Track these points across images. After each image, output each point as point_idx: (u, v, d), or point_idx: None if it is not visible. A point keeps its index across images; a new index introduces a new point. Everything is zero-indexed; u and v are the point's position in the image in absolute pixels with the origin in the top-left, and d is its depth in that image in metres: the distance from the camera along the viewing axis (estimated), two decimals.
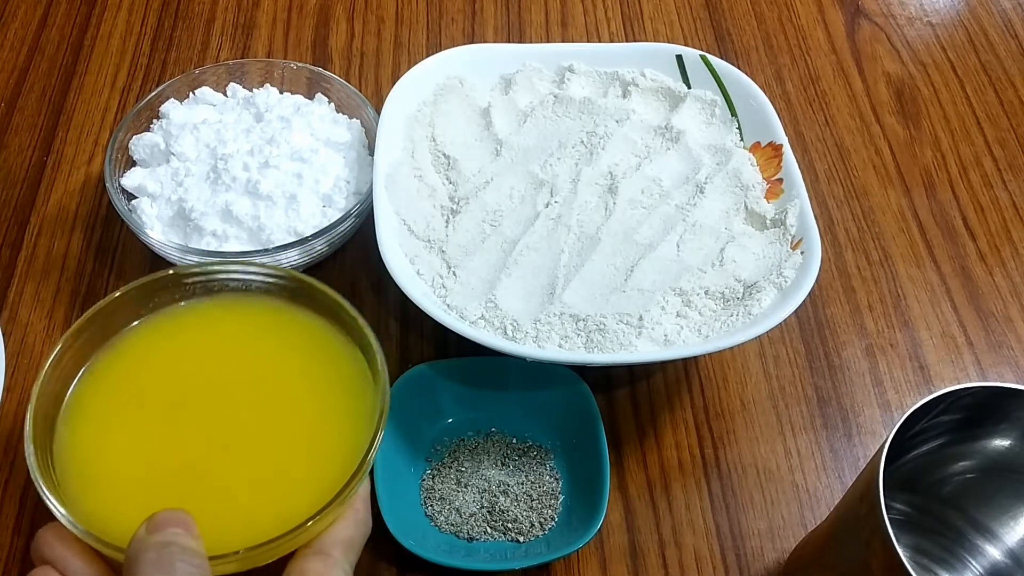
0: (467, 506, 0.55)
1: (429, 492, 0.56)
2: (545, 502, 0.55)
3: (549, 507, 0.55)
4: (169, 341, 0.55)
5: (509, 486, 0.56)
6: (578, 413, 0.56)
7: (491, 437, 0.58)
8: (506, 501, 0.55)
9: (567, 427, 0.57)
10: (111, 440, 0.52)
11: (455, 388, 0.58)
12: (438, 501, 0.55)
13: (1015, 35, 0.86)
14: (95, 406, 0.53)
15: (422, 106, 0.66)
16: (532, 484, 0.56)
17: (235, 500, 0.51)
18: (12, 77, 0.77)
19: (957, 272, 0.69)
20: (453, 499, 0.55)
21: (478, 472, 0.56)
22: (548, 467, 0.57)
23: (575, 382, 0.57)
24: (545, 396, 0.58)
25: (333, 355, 0.55)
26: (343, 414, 0.53)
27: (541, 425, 0.58)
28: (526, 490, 0.56)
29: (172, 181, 0.64)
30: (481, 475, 0.56)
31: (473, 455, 0.57)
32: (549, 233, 0.60)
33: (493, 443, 0.58)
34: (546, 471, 0.57)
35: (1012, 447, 0.47)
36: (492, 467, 0.57)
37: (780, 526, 0.57)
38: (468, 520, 0.55)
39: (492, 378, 0.58)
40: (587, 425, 0.56)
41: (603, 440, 0.54)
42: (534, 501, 0.55)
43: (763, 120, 0.65)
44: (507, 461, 0.57)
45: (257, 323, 0.56)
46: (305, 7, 0.84)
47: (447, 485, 0.56)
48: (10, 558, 0.54)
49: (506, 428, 0.58)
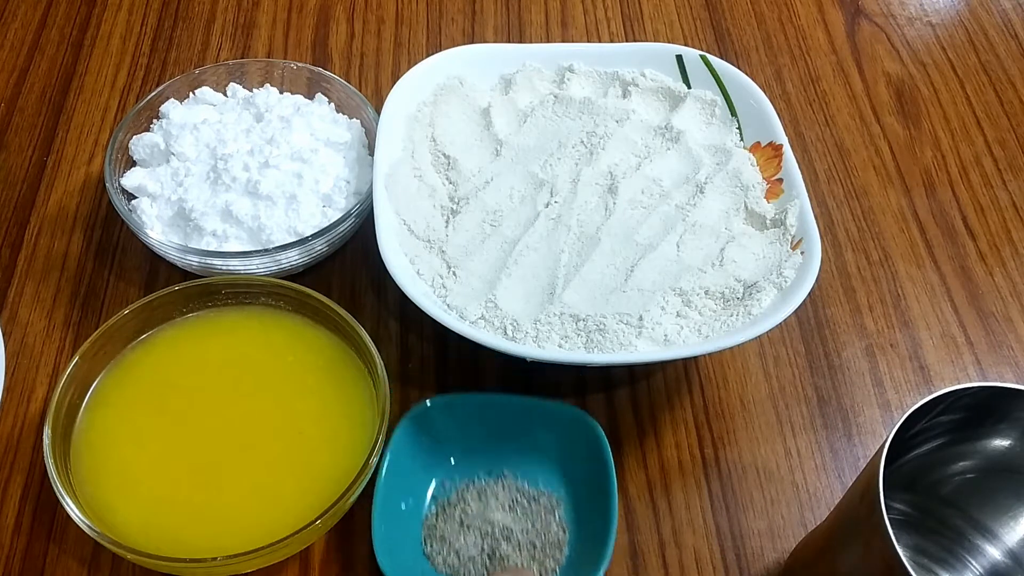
0: (467, 549, 0.53)
1: (431, 531, 0.54)
2: (548, 553, 0.53)
3: (552, 558, 0.53)
4: (192, 346, 0.57)
5: (513, 532, 0.53)
6: (592, 462, 0.54)
7: (501, 480, 0.56)
8: (508, 547, 0.53)
9: (579, 475, 0.55)
10: (127, 435, 0.54)
11: (467, 426, 0.56)
12: (438, 541, 0.53)
13: (1015, 35, 0.86)
14: (116, 401, 0.55)
15: (422, 106, 0.66)
16: (538, 533, 0.54)
17: (239, 503, 0.52)
18: (12, 77, 0.77)
19: (957, 272, 0.69)
20: (454, 541, 0.53)
21: (483, 515, 0.54)
22: (556, 516, 0.54)
23: (592, 429, 0.55)
24: (560, 440, 0.56)
25: (337, 366, 0.56)
26: (345, 424, 0.54)
27: (554, 471, 0.56)
28: (531, 538, 0.53)
29: (172, 181, 0.64)
30: (486, 518, 0.54)
31: (480, 497, 0.55)
32: (549, 233, 0.60)
33: (502, 487, 0.55)
34: (554, 520, 0.54)
35: (1012, 447, 0.47)
36: (498, 511, 0.54)
37: (780, 526, 0.57)
38: (466, 563, 0.52)
39: (506, 418, 0.56)
40: (600, 477, 0.53)
41: (614, 496, 0.52)
42: (537, 551, 0.53)
43: (763, 120, 0.65)
44: (515, 506, 0.55)
45: (272, 334, 0.58)
46: (305, 7, 0.84)
47: (450, 526, 0.54)
48: (10, 558, 0.54)
49: (518, 472, 0.56)
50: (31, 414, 0.59)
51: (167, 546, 0.48)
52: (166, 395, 0.55)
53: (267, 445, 0.53)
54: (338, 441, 0.53)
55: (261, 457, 0.53)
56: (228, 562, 0.47)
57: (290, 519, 0.49)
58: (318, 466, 0.52)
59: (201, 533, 0.50)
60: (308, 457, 0.53)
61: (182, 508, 0.51)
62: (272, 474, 0.52)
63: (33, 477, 0.56)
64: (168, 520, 0.50)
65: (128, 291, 0.65)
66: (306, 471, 0.52)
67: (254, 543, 0.47)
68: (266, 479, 0.52)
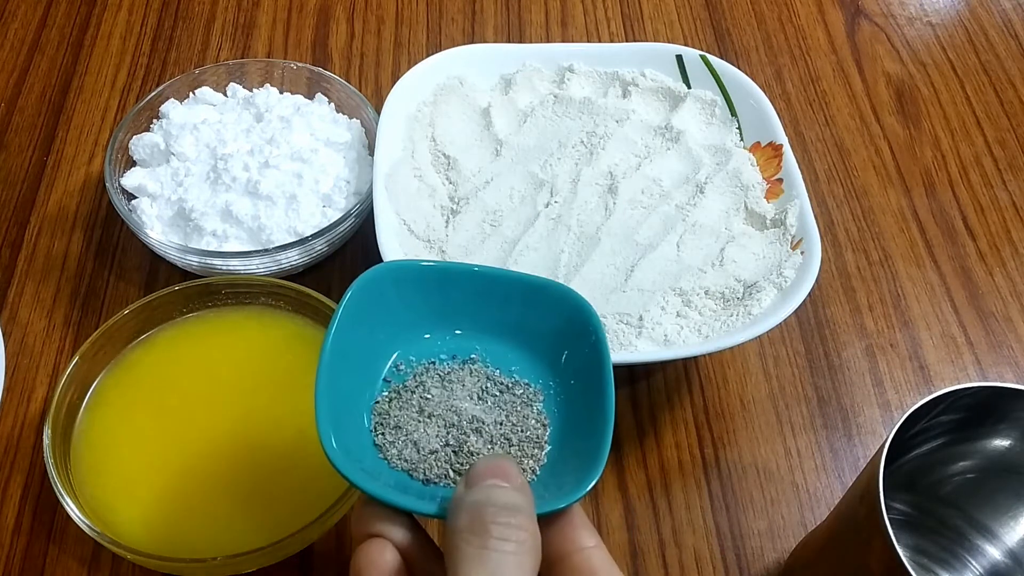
0: (428, 441, 0.43)
1: (383, 418, 0.44)
2: (527, 450, 0.44)
3: (531, 456, 0.44)
4: (192, 346, 0.57)
5: (484, 424, 0.44)
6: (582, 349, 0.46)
7: (470, 365, 0.46)
8: (478, 441, 0.43)
9: (566, 365, 0.47)
10: (127, 435, 0.54)
11: (433, 299, 0.47)
12: (392, 431, 0.44)
13: (1015, 35, 0.86)
14: (116, 401, 0.55)
15: (422, 106, 0.66)
16: (513, 426, 0.45)
17: (239, 503, 0.52)
18: (12, 77, 0.77)
19: (957, 272, 0.69)
20: (411, 431, 0.44)
21: (448, 403, 0.45)
22: (535, 409, 0.45)
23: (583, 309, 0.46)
24: (545, 325, 0.47)
25: None
26: None
27: (533, 360, 0.47)
28: (504, 432, 0.44)
29: (172, 181, 0.64)
30: (451, 407, 0.45)
31: (444, 383, 0.46)
32: (549, 233, 0.60)
33: (471, 372, 0.46)
34: (532, 414, 0.45)
35: (1012, 447, 0.47)
36: (466, 400, 0.45)
37: (780, 526, 0.57)
38: (427, 458, 0.43)
39: (480, 294, 0.47)
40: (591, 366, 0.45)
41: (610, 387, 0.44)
42: (513, 447, 0.44)
43: (763, 120, 0.65)
44: (485, 396, 0.46)
45: (273, 334, 0.58)
46: (305, 7, 0.84)
47: (407, 413, 0.44)
48: (10, 558, 0.54)
49: (490, 357, 0.47)
50: (31, 414, 0.59)
51: (167, 546, 0.48)
52: (166, 395, 0.55)
53: (267, 445, 0.53)
54: None
55: (261, 457, 0.53)
56: (228, 562, 0.47)
57: (290, 519, 0.49)
58: (318, 466, 0.52)
59: (201, 533, 0.50)
60: (308, 457, 0.53)
61: (182, 508, 0.51)
62: (272, 474, 0.52)
63: (33, 477, 0.56)
64: (168, 520, 0.50)
65: (128, 291, 0.65)
66: (306, 471, 0.52)
67: (254, 543, 0.47)
68: (266, 479, 0.52)
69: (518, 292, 0.47)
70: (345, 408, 0.44)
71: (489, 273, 0.47)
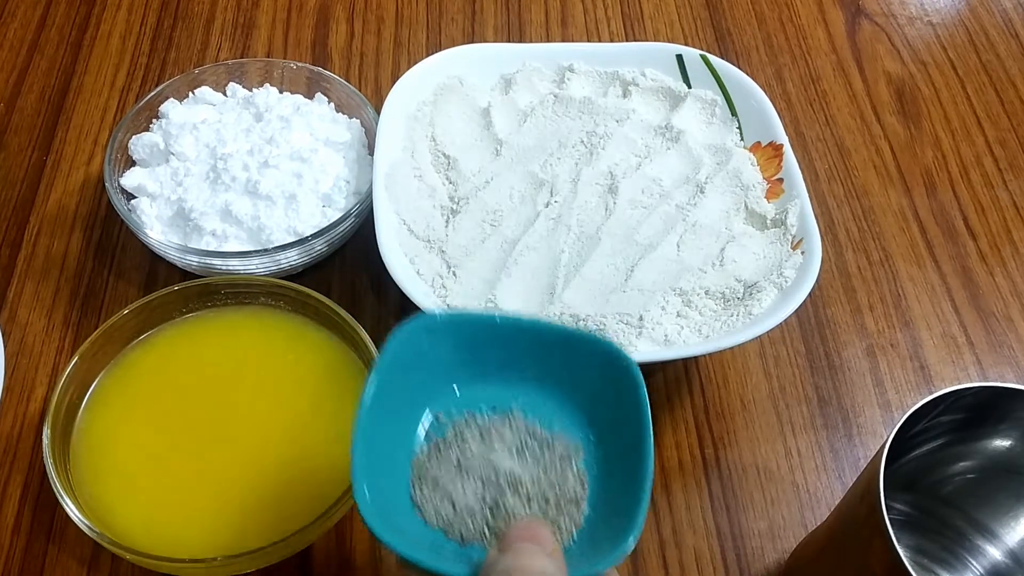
0: (464, 498, 0.43)
1: (421, 472, 0.44)
2: (564, 510, 0.44)
3: (568, 516, 0.44)
4: (192, 346, 0.57)
5: (522, 482, 0.44)
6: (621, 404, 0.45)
7: (509, 417, 0.46)
8: (515, 500, 0.43)
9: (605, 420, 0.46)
10: (127, 434, 0.54)
11: (473, 349, 0.46)
12: (430, 485, 0.44)
13: (1015, 35, 0.86)
14: (115, 401, 0.55)
15: (422, 106, 0.66)
16: (551, 484, 0.44)
17: (239, 503, 0.52)
18: (12, 77, 0.77)
19: (958, 272, 0.69)
20: (449, 488, 0.43)
21: (486, 458, 0.44)
22: (574, 467, 0.45)
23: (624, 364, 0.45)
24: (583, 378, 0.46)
25: (337, 366, 0.56)
26: (345, 424, 0.54)
27: (573, 413, 0.46)
28: (542, 490, 0.44)
29: (172, 181, 0.63)
30: (489, 462, 0.44)
31: (483, 436, 0.45)
32: (549, 233, 0.60)
33: (511, 426, 0.46)
34: (571, 471, 0.44)
35: (1012, 447, 0.47)
36: (505, 455, 0.45)
37: (780, 526, 0.57)
38: (463, 516, 0.43)
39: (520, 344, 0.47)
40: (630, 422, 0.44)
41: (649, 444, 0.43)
42: (550, 506, 0.44)
43: (763, 120, 0.65)
44: (524, 451, 0.45)
45: (273, 334, 0.58)
46: (305, 7, 0.84)
47: (445, 468, 0.44)
48: (10, 558, 0.54)
49: (530, 408, 0.46)
50: (31, 414, 0.59)
51: (167, 546, 0.48)
52: (166, 395, 0.55)
53: (267, 445, 0.53)
54: (338, 441, 0.53)
55: (261, 457, 0.53)
56: (228, 562, 0.47)
57: (290, 519, 0.49)
58: (318, 466, 0.52)
59: (201, 533, 0.50)
60: (308, 457, 0.53)
61: (182, 508, 0.51)
62: (272, 474, 0.52)
63: (33, 477, 0.56)
64: (168, 520, 0.50)
65: (128, 291, 0.65)
66: (306, 471, 0.52)
67: (254, 543, 0.47)
68: (266, 479, 0.52)
69: (558, 342, 0.46)
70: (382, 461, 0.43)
71: (529, 323, 0.47)
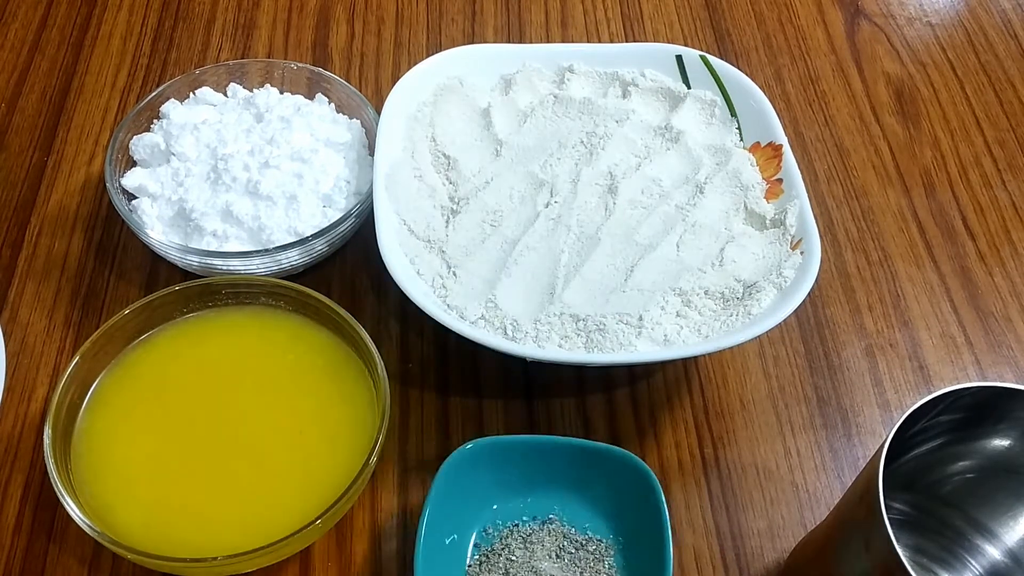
0: None
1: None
2: None
3: None
4: (192, 346, 0.57)
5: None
6: (643, 507, 0.52)
7: (548, 525, 0.54)
8: None
9: (630, 521, 0.53)
10: (127, 434, 0.54)
11: (512, 469, 0.54)
12: None
13: (1015, 35, 0.86)
14: (116, 401, 0.55)
15: (422, 106, 0.66)
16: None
17: (239, 503, 0.52)
18: (12, 77, 0.77)
19: (957, 272, 0.69)
20: None
21: (529, 563, 0.52)
22: (606, 564, 0.52)
23: (642, 472, 0.52)
24: (609, 484, 0.54)
25: (337, 366, 0.56)
26: (345, 424, 0.54)
27: (602, 516, 0.54)
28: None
29: (172, 181, 0.64)
30: (532, 567, 0.52)
31: (526, 544, 0.53)
32: (549, 233, 0.60)
33: (549, 532, 0.53)
34: (604, 569, 0.52)
35: (1012, 447, 0.47)
36: (545, 559, 0.52)
37: (780, 526, 0.57)
38: None
39: (553, 460, 0.54)
40: (652, 522, 0.51)
41: (668, 540, 0.50)
42: None
43: (763, 120, 0.65)
44: (562, 553, 0.52)
45: (273, 334, 0.58)
46: (305, 7, 0.84)
47: (494, 574, 0.52)
48: (10, 558, 0.54)
49: (565, 517, 0.54)
50: (31, 414, 0.59)
51: (167, 546, 0.48)
52: (166, 395, 0.55)
53: (267, 445, 0.53)
54: (338, 441, 0.53)
55: (261, 457, 0.53)
56: (228, 562, 0.47)
57: (290, 519, 0.49)
58: (318, 466, 0.52)
59: (201, 533, 0.50)
60: (308, 457, 0.53)
61: (182, 508, 0.51)
62: (272, 474, 0.52)
63: (33, 477, 0.56)
64: (168, 520, 0.50)
65: (128, 291, 0.65)
66: (306, 471, 0.52)
67: (254, 543, 0.47)
68: (266, 479, 0.52)
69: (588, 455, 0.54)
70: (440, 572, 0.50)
71: (558, 442, 0.54)
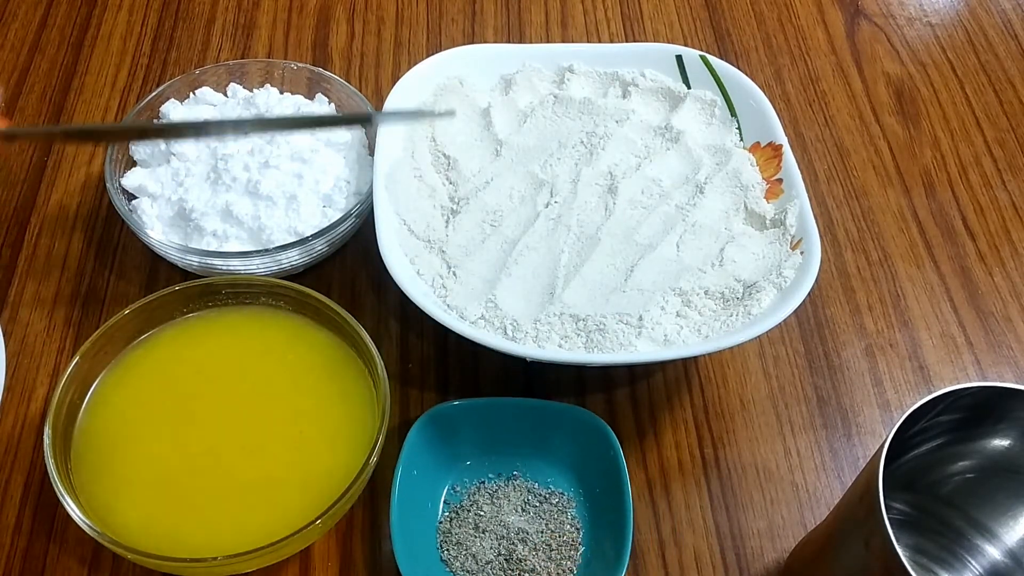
0: (484, 553, 0.53)
1: (446, 536, 0.54)
2: (564, 552, 0.54)
3: (568, 558, 0.54)
4: (192, 346, 0.57)
5: (528, 534, 0.54)
6: (603, 461, 0.55)
7: (512, 482, 0.56)
8: (524, 550, 0.53)
9: (591, 474, 0.56)
10: (127, 434, 0.54)
11: (476, 430, 0.56)
12: (454, 546, 0.54)
13: (1015, 35, 0.86)
14: (116, 401, 0.55)
15: (422, 106, 0.66)
16: (552, 533, 0.54)
17: (239, 503, 0.52)
18: (12, 77, 0.77)
19: (957, 272, 0.69)
20: (470, 545, 0.54)
21: (497, 518, 0.55)
22: (569, 516, 0.55)
23: (601, 429, 0.55)
24: (570, 440, 0.56)
25: (337, 366, 0.56)
26: (345, 424, 0.54)
27: (564, 471, 0.57)
28: (545, 539, 0.54)
29: (172, 181, 0.64)
30: (500, 521, 0.54)
31: (493, 499, 0.55)
32: (549, 233, 0.60)
33: (514, 488, 0.56)
34: (567, 520, 0.55)
35: (1012, 447, 0.47)
36: (512, 513, 0.55)
37: (780, 526, 0.57)
38: (484, 568, 0.53)
39: (516, 420, 0.57)
40: (611, 474, 0.54)
41: (627, 492, 0.53)
42: (553, 551, 0.54)
43: (763, 120, 0.65)
44: (527, 507, 0.55)
45: (272, 334, 0.58)
46: (305, 8, 0.84)
47: (464, 530, 0.54)
48: (10, 558, 0.54)
49: (529, 472, 0.57)
50: (31, 414, 0.59)
51: (167, 546, 0.48)
52: (166, 395, 0.55)
53: (267, 445, 0.53)
54: (338, 441, 0.53)
55: (261, 457, 0.53)
56: (228, 562, 0.47)
57: (290, 519, 0.49)
58: (318, 466, 0.52)
59: (201, 533, 0.50)
60: (308, 457, 0.53)
61: (182, 508, 0.51)
62: (272, 474, 0.52)
63: (33, 477, 0.56)
64: (168, 520, 0.50)
65: (128, 291, 0.65)
66: (306, 471, 0.52)
67: (254, 543, 0.47)
68: (266, 479, 0.52)
69: (546, 416, 0.57)
70: (414, 529, 0.53)
71: (518, 403, 0.57)
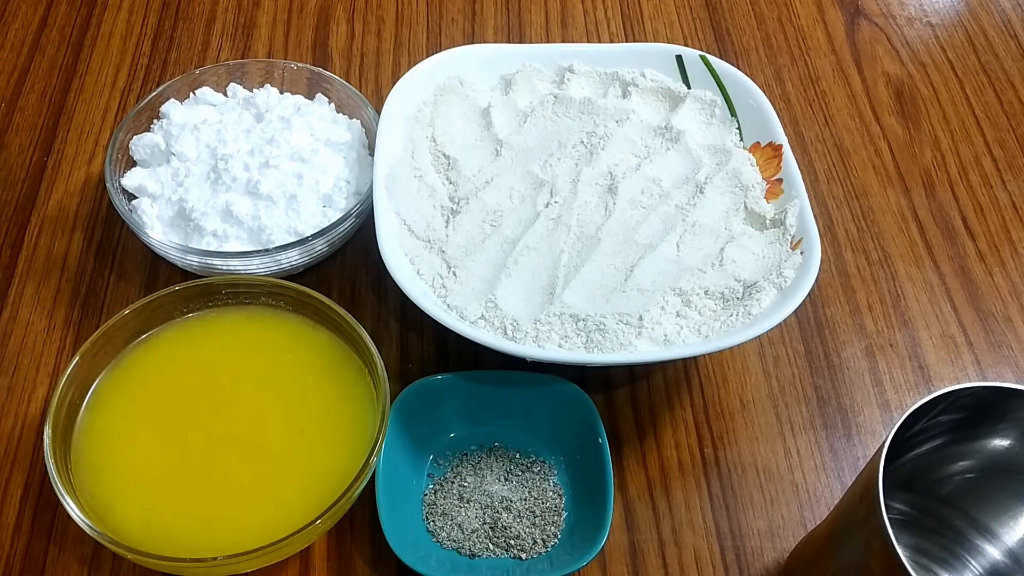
0: (469, 522, 0.54)
1: (431, 508, 0.55)
2: (548, 519, 0.55)
3: (552, 523, 0.55)
4: (192, 346, 0.57)
5: (512, 502, 0.55)
6: (582, 428, 0.56)
7: (494, 452, 0.57)
8: (508, 517, 0.54)
9: (571, 442, 0.57)
10: (127, 434, 0.54)
11: (458, 402, 0.57)
12: (440, 517, 0.55)
13: (1015, 35, 0.86)
14: (116, 401, 0.55)
15: (422, 106, 0.66)
16: (535, 500, 0.55)
17: (239, 503, 0.52)
18: (13, 77, 0.77)
19: (956, 272, 0.69)
20: (455, 515, 0.55)
21: (480, 487, 0.56)
22: (551, 483, 0.56)
23: (579, 397, 0.56)
24: (549, 410, 0.57)
25: (337, 366, 0.56)
26: (345, 424, 0.54)
27: (545, 440, 0.58)
28: (529, 506, 0.55)
29: (172, 181, 0.64)
30: (484, 491, 0.55)
31: (476, 470, 0.56)
32: (549, 233, 0.60)
33: (496, 458, 0.57)
34: (549, 487, 0.56)
35: (1012, 447, 0.47)
36: (495, 482, 0.56)
37: (780, 526, 0.57)
38: (470, 536, 0.54)
39: (495, 392, 0.58)
40: (590, 441, 0.55)
41: (607, 456, 0.54)
42: (536, 517, 0.55)
43: (763, 120, 0.65)
44: (510, 476, 0.56)
45: (272, 334, 0.58)
46: (305, 7, 0.84)
47: (449, 501, 0.55)
48: (10, 557, 0.54)
49: (509, 443, 0.58)
50: (31, 414, 0.59)
51: (167, 546, 0.48)
52: (166, 395, 0.55)
53: (267, 445, 0.53)
54: (338, 441, 0.53)
55: (261, 457, 0.53)
56: (228, 562, 0.47)
57: (290, 519, 0.49)
58: (318, 466, 0.52)
59: (201, 533, 0.50)
60: (308, 457, 0.53)
61: (182, 508, 0.51)
62: (272, 474, 0.52)
63: (33, 477, 0.56)
64: (168, 520, 0.50)
65: (128, 291, 0.65)
66: (306, 471, 0.52)
67: (254, 543, 0.47)
68: (266, 479, 0.52)
69: (525, 387, 0.57)
70: (399, 502, 0.54)
71: (497, 376, 0.58)
